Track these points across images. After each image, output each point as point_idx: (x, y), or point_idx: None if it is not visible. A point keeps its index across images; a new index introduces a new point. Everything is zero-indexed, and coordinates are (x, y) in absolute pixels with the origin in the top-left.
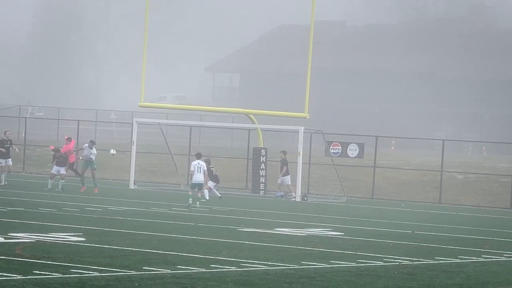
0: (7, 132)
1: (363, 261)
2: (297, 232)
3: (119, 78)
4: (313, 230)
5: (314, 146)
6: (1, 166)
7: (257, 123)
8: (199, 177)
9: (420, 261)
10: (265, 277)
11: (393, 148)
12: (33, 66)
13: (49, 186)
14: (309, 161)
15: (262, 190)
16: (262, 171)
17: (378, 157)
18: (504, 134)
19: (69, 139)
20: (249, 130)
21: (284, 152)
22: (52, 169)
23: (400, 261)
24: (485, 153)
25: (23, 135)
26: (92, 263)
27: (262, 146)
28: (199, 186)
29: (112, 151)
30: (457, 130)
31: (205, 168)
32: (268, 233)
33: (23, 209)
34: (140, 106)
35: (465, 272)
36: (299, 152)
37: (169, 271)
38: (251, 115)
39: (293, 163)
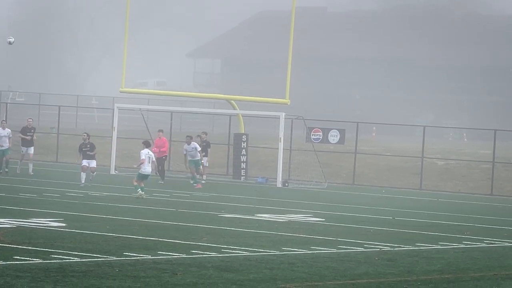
0: (29, 120)
1: (344, 247)
2: (278, 218)
3: (100, 64)
4: (294, 216)
5: (295, 132)
6: (22, 154)
7: (238, 109)
8: (149, 169)
9: (400, 247)
10: (246, 263)
11: (374, 134)
12: (14, 52)
13: (82, 181)
14: (290, 147)
15: (243, 176)
16: (243, 157)
17: (359, 143)
18: (485, 121)
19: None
20: (230, 116)
21: (205, 133)
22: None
23: (381, 247)
24: (465, 139)
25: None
26: (73, 249)
27: (243, 132)
28: (147, 178)
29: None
30: (438, 116)
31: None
32: (249, 219)
33: (3, 194)
34: (121, 92)
35: (445, 258)
36: (280, 138)
37: (150, 256)
38: (232, 101)
39: (274, 149)
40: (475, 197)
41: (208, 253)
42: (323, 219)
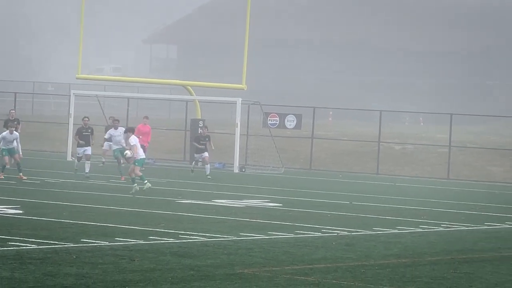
0: (85, 119)
1: (301, 232)
2: (235, 204)
3: (56, 50)
4: (251, 201)
5: (252, 117)
6: (78, 156)
7: (194, 94)
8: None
9: (358, 231)
10: (204, 249)
11: (330, 119)
12: None
13: (75, 166)
14: (247, 132)
15: (200, 161)
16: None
17: (315, 128)
18: (441, 105)
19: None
20: (186, 101)
21: (206, 127)
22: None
23: (338, 232)
24: (422, 123)
25: None
26: (30, 236)
27: (200, 117)
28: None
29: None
30: (394, 101)
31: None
32: (206, 205)
33: None
34: (77, 78)
35: (402, 242)
36: (237, 123)
37: (107, 243)
38: (188, 87)
39: (231, 135)
40: (431, 181)
41: (165, 239)
42: (280, 204)
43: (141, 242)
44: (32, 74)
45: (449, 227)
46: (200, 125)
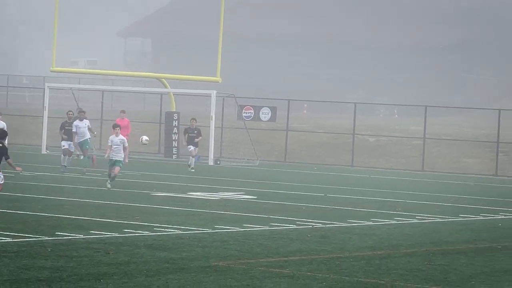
0: (70, 113)
1: (276, 224)
2: (210, 196)
3: (31, 43)
4: (226, 194)
5: (227, 110)
6: (64, 149)
7: (169, 87)
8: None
9: (333, 224)
10: (178, 241)
11: (305, 111)
12: None
13: (64, 163)
14: (222, 125)
15: (174, 154)
16: (175, 135)
17: (290, 121)
18: (416, 97)
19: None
20: (161, 94)
21: (194, 119)
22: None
23: (313, 224)
24: (396, 116)
25: None
26: (5, 229)
27: (174, 110)
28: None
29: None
30: (369, 93)
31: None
32: (181, 197)
33: None
34: (52, 71)
35: (377, 234)
36: (212, 116)
37: (82, 236)
38: (163, 79)
39: (205, 127)
40: (406, 173)
41: (140, 232)
42: (255, 197)
43: (116, 235)
44: (7, 67)
45: (424, 219)
46: (174, 117)
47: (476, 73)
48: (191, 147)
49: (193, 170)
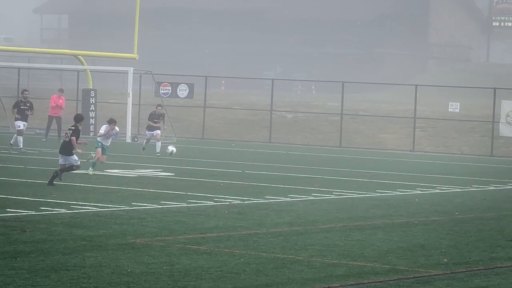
0: (26, 92)
1: (194, 201)
2: (128, 173)
3: None
4: (144, 171)
5: (144, 87)
6: (19, 129)
7: (86, 64)
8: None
9: (250, 200)
10: (96, 219)
11: (223, 88)
12: None
13: (21, 146)
14: (139, 102)
15: (92, 131)
16: (92, 112)
17: (208, 97)
18: (333, 73)
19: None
20: (78, 71)
21: (160, 106)
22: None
23: (231, 200)
24: (314, 92)
25: None
26: None
27: (91, 87)
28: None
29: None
30: (287, 69)
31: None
32: (99, 175)
33: None
34: None
35: (295, 210)
36: (129, 93)
37: None
38: (79, 57)
39: (123, 104)
40: (324, 149)
41: (57, 209)
42: (173, 174)
43: (33, 213)
44: None
45: (341, 195)
46: (91, 94)
47: (393, 49)
48: (157, 131)
49: (159, 155)
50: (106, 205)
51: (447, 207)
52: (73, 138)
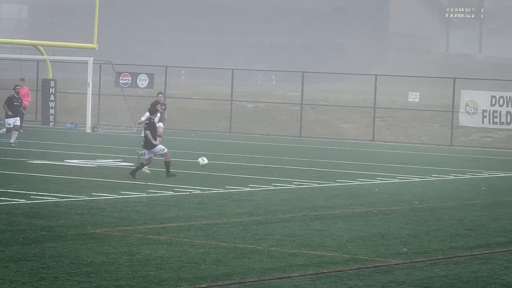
0: (18, 87)
1: (154, 191)
2: (88, 164)
3: None
4: (104, 161)
5: (104, 77)
6: (8, 127)
7: (46, 54)
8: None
9: (210, 190)
10: (55, 209)
11: (183, 78)
12: None
13: (12, 140)
14: (99, 92)
15: (52, 121)
16: (52, 102)
17: (168, 87)
18: (293, 63)
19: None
20: (38, 61)
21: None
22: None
23: (191, 190)
24: (274, 82)
25: None
26: None
27: (51, 77)
28: None
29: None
30: (247, 59)
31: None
32: (59, 165)
33: None
34: None
35: (255, 200)
36: (89, 83)
37: None
38: (39, 47)
39: (83, 94)
40: (284, 139)
41: (16, 200)
42: (133, 164)
43: None
44: None
45: (301, 184)
46: (51, 84)
47: (354, 39)
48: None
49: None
50: (66, 195)
51: (407, 196)
52: (147, 132)
